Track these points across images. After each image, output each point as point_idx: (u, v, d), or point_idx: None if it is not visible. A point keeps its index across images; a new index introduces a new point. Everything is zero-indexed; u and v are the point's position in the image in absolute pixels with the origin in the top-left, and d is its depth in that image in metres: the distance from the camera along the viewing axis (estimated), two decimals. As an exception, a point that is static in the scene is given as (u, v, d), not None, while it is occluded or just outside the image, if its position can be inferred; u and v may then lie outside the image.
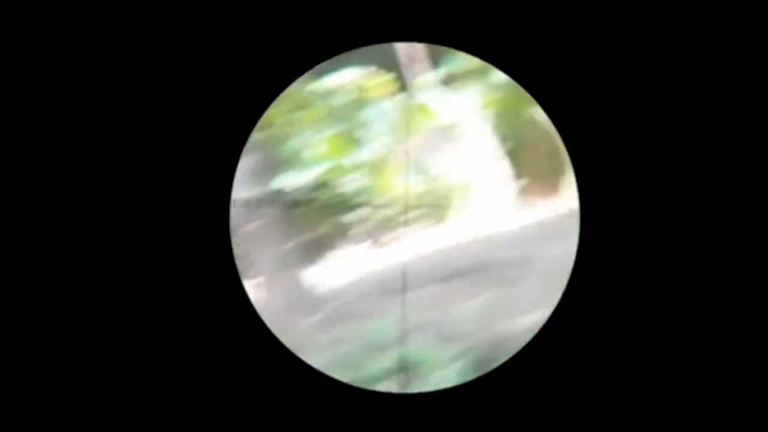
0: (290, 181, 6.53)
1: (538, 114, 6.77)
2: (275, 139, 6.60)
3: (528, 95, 3.45)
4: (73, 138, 3.31)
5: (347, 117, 7.04)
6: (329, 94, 6.92)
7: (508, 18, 3.40)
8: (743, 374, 3.24)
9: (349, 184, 6.81)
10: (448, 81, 7.09)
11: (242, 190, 5.84)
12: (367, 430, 3.22)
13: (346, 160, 6.85)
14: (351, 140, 6.89)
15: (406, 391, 3.31)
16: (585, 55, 3.37)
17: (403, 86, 6.97)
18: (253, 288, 5.59)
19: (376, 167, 6.84)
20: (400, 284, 4.73)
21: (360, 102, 7.03)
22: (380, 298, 5.16)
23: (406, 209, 6.33)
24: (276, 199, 6.20)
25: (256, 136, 4.74)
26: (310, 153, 6.80)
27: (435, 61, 7.04)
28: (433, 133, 6.99)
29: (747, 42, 3.31)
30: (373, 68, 7.00)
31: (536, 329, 3.44)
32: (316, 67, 3.45)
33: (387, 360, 4.29)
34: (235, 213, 4.23)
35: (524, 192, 6.92)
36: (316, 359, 3.49)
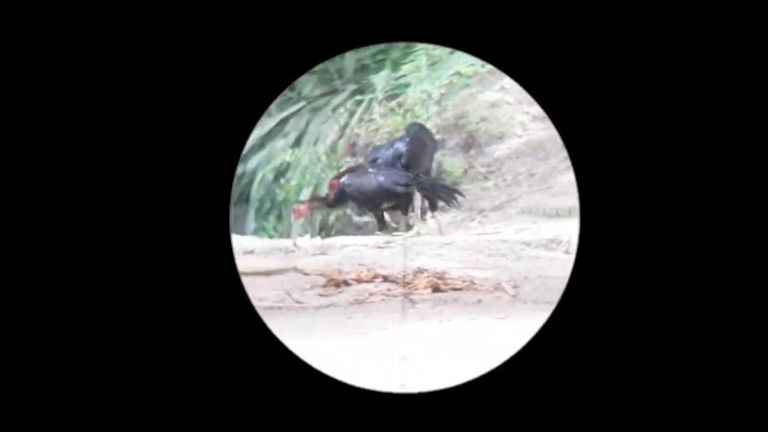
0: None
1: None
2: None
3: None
4: (72, 137, 3.25)
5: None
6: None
7: (507, 18, 3.37)
8: (744, 378, 3.18)
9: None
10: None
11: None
12: (367, 430, 3.17)
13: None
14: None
15: (406, 391, 3.26)
16: (585, 55, 3.33)
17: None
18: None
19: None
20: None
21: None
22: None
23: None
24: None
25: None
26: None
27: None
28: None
29: (747, 41, 3.27)
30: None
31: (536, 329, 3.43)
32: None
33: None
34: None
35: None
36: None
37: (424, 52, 7.62)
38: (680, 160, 3.27)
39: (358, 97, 7.83)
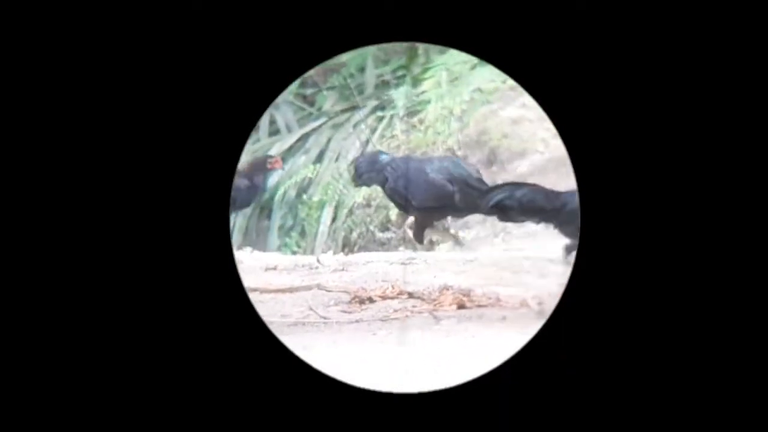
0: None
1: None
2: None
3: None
4: (72, 137, 3.28)
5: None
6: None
7: (507, 17, 3.38)
8: (745, 381, 3.22)
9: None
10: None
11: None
12: (367, 430, 3.20)
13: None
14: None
15: (406, 391, 3.28)
16: (585, 55, 3.35)
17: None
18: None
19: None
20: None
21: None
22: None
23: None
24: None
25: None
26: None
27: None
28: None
29: (747, 41, 3.28)
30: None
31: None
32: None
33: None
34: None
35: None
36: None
37: (444, 67, 7.63)
38: (682, 168, 3.28)
39: (380, 113, 7.84)
